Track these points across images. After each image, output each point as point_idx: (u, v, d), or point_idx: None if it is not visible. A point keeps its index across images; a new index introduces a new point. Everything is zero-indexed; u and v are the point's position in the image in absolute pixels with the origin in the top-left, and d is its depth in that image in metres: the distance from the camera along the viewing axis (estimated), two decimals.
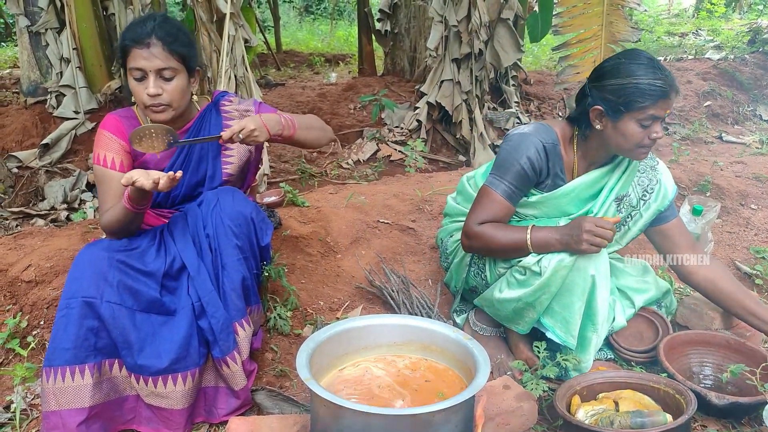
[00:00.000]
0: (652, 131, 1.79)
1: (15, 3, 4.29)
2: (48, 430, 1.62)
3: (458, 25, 4.34)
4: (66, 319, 1.63)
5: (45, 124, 4.12)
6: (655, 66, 1.78)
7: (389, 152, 4.66)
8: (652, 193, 2.02)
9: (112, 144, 1.86)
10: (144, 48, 1.74)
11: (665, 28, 11.12)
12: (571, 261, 1.80)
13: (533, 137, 1.91)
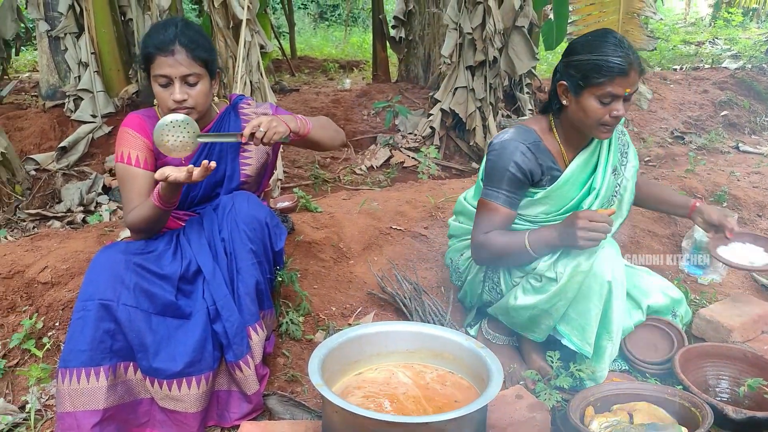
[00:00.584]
0: (612, 109, 1.80)
1: (36, 8, 4.36)
2: (63, 430, 1.63)
3: (473, 32, 4.34)
4: (82, 321, 1.64)
5: (63, 128, 4.18)
6: (619, 45, 1.78)
7: (402, 159, 4.67)
8: (627, 155, 2.09)
9: (135, 142, 1.88)
10: (169, 55, 1.76)
11: (681, 36, 11.05)
12: (587, 266, 1.79)
13: (515, 142, 1.92)
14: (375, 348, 1.69)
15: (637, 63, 1.79)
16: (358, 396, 1.59)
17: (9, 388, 1.95)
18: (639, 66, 1.80)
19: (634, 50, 1.79)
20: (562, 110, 1.94)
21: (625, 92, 1.78)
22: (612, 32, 1.84)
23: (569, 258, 1.81)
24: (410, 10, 6.38)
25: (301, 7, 15.50)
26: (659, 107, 5.68)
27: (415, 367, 1.69)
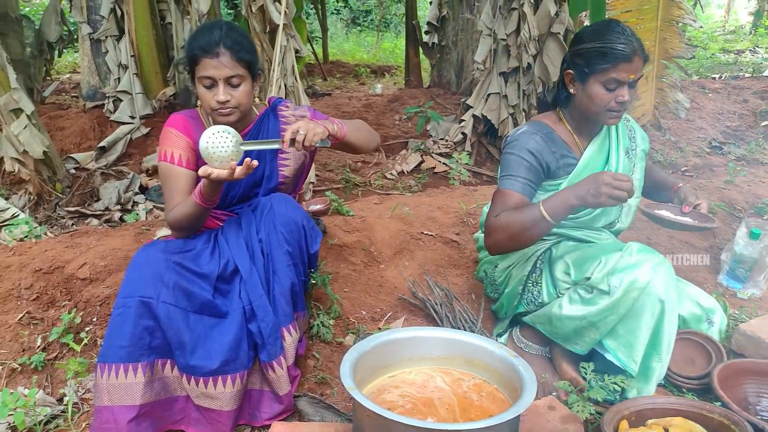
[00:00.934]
0: (618, 95, 1.86)
1: (79, 11, 4.48)
2: (100, 424, 1.66)
3: (507, 38, 4.32)
4: (122, 317, 1.67)
5: (102, 128, 4.28)
6: (622, 32, 1.85)
7: (433, 164, 4.66)
8: (635, 139, 2.15)
9: (179, 141, 1.92)
10: (213, 57, 1.80)
11: (720, 45, 10.81)
12: (644, 283, 1.76)
13: (528, 132, 1.99)
14: (406, 353, 1.68)
15: (641, 50, 1.85)
16: (395, 394, 1.59)
17: (48, 380, 2.00)
18: (643, 53, 1.86)
19: (638, 38, 1.86)
20: (570, 101, 2.00)
21: (629, 78, 1.84)
22: (616, 21, 1.90)
23: (625, 272, 1.78)
24: (444, 16, 6.39)
25: (334, 12, 15.64)
26: (697, 116, 5.56)
27: (453, 373, 1.68)
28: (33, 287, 2.17)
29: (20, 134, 3.34)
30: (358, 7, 16.27)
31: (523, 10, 4.15)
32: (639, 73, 1.85)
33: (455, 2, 6.35)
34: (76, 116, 4.43)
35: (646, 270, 1.77)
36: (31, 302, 2.15)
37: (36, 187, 3.49)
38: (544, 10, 4.15)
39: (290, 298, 1.83)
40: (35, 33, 5.18)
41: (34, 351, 2.04)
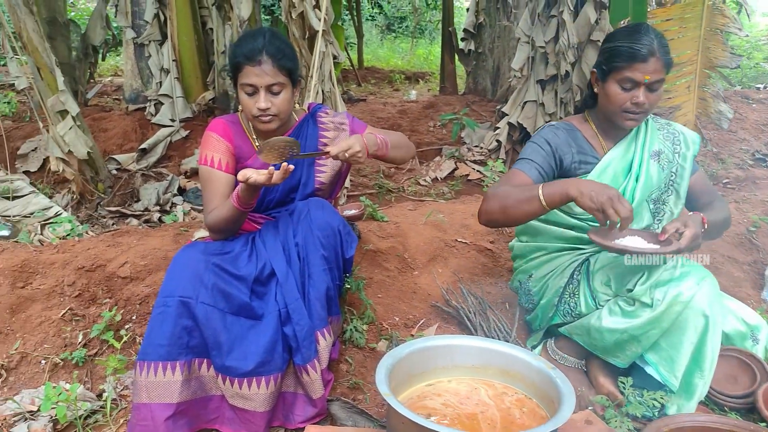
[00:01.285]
0: (633, 96, 1.87)
1: (124, 16, 4.61)
2: (138, 421, 1.70)
3: (545, 46, 4.28)
4: (162, 316, 1.70)
5: (143, 130, 4.38)
6: (644, 33, 1.86)
7: (467, 171, 4.64)
8: (680, 144, 2.08)
9: (219, 145, 1.96)
10: (256, 65, 1.83)
11: (765, 54, 10.51)
12: (688, 297, 1.72)
13: (551, 126, 2.06)
14: (441, 361, 1.67)
15: (662, 53, 1.85)
16: (438, 402, 1.58)
17: (88, 376, 2.05)
18: (663, 57, 1.85)
19: (662, 42, 1.86)
20: (595, 101, 2.04)
21: (644, 79, 1.84)
22: (644, 24, 1.93)
23: (669, 286, 1.75)
24: (480, 23, 6.37)
25: (369, 18, 15.73)
26: (740, 127, 5.41)
27: (496, 386, 1.66)
28: (75, 284, 2.23)
29: (66, 135, 3.44)
30: (393, 13, 16.34)
31: (562, 17, 4.11)
32: (657, 76, 1.85)
33: (492, 9, 6.32)
34: (119, 118, 4.54)
35: (690, 284, 1.74)
36: (74, 299, 2.20)
37: (79, 186, 3.58)
38: (584, 17, 4.10)
39: (325, 302, 1.84)
40: (81, 37, 5.34)
41: (76, 347, 2.09)
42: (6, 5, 3.24)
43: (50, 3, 4.89)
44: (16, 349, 2.04)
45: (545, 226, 2.12)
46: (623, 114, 1.92)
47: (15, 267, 2.25)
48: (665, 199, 2.06)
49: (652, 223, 2.07)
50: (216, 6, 4.33)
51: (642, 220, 2.05)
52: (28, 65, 3.38)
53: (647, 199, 2.03)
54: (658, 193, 2.04)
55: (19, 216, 3.30)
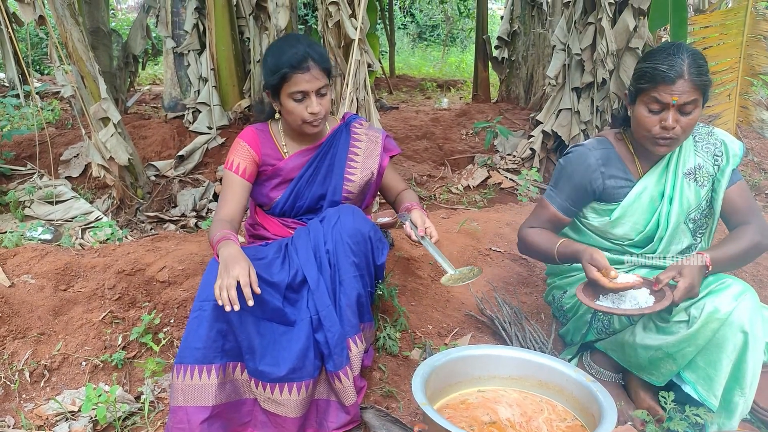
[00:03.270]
0: (662, 119, 1.78)
1: (164, 26, 4.72)
2: (174, 423, 1.72)
3: (581, 53, 4.23)
4: (198, 320, 1.73)
5: (181, 138, 4.47)
6: (674, 54, 1.76)
7: (500, 179, 4.60)
8: (722, 156, 1.95)
9: (244, 152, 2.02)
10: (305, 72, 1.88)
11: None
12: (725, 314, 1.66)
13: (586, 148, 1.98)
14: (478, 371, 1.66)
15: (693, 74, 1.74)
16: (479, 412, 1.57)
17: (127, 378, 2.09)
18: (694, 77, 1.74)
19: (697, 63, 1.75)
20: (629, 122, 1.97)
21: (672, 101, 1.75)
22: (679, 43, 1.83)
23: (705, 301, 1.70)
24: (514, 31, 6.33)
25: (401, 27, 15.79)
26: None
27: (534, 398, 1.64)
28: (116, 288, 2.28)
29: (107, 142, 3.53)
30: (425, 22, 16.37)
31: (600, 24, 4.06)
32: (687, 97, 1.74)
33: (527, 17, 6.28)
34: (158, 126, 4.64)
35: (727, 299, 1.67)
36: (114, 302, 2.25)
37: (119, 192, 3.67)
38: (623, 24, 4.04)
39: (356, 308, 1.84)
40: (122, 46, 5.49)
41: (116, 349, 2.13)
42: (53, 16, 3.35)
43: (94, 13, 5.05)
44: (59, 351, 2.09)
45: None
46: (654, 140, 1.82)
47: (58, 270, 2.31)
48: (702, 217, 1.97)
49: (693, 244, 1.98)
50: (253, 16, 4.40)
51: (681, 242, 1.96)
52: (73, 74, 3.48)
53: (686, 220, 1.94)
54: (697, 212, 1.94)
55: (61, 220, 3.40)
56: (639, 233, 1.95)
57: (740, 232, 1.87)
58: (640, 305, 1.70)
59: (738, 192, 1.94)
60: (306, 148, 2.08)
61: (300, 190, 2.05)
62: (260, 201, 2.13)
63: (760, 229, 1.87)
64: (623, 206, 1.94)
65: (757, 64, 3.74)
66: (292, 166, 2.05)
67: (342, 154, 2.08)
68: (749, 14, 3.65)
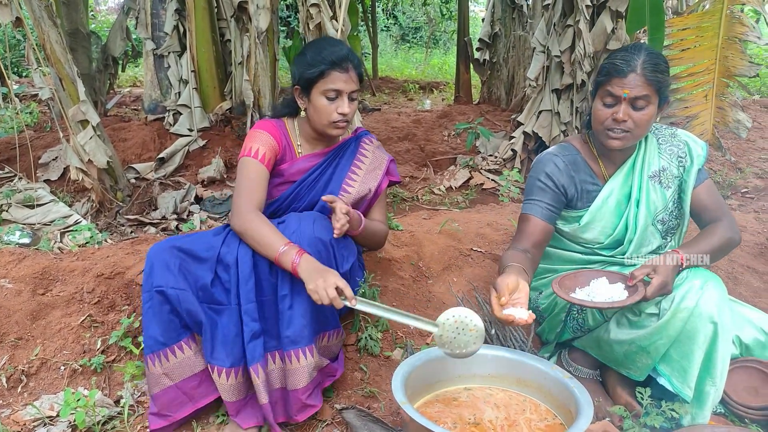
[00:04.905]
0: (614, 111, 1.83)
1: (144, 28, 4.69)
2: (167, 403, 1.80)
3: (561, 55, 4.28)
4: (151, 310, 1.77)
5: (162, 140, 4.44)
6: (628, 50, 1.84)
7: (482, 180, 4.63)
8: (686, 157, 2.00)
9: (265, 139, 1.98)
10: (344, 72, 1.91)
11: None
12: (692, 303, 1.70)
13: (550, 155, 2.00)
14: (458, 369, 1.67)
15: (647, 70, 1.79)
16: (455, 411, 1.58)
17: (106, 382, 2.07)
18: (648, 73, 1.80)
19: (653, 61, 1.80)
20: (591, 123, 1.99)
21: (623, 93, 1.80)
22: (640, 44, 1.88)
23: (675, 293, 1.73)
24: (495, 33, 6.38)
25: (384, 29, 15.82)
26: (759, 136, 5.36)
27: (513, 395, 1.65)
28: (95, 291, 2.26)
29: (86, 144, 3.49)
30: (408, 24, 16.42)
31: (578, 27, 4.11)
32: (639, 92, 1.79)
33: (508, 20, 6.34)
34: (138, 128, 4.60)
35: (693, 289, 1.71)
36: (93, 306, 2.23)
37: (98, 195, 3.63)
38: (601, 26, 4.09)
39: (312, 318, 1.79)
40: (101, 48, 5.44)
41: (95, 353, 2.12)
42: (31, 18, 3.31)
43: (72, 15, 4.99)
44: (36, 355, 2.07)
45: (555, 250, 2.11)
46: (606, 132, 1.87)
47: (36, 274, 2.29)
48: (672, 219, 2.01)
49: (663, 244, 2.03)
50: (234, 18, 4.38)
51: (651, 244, 2.00)
52: (51, 76, 3.44)
53: (653, 222, 1.99)
54: (665, 213, 1.99)
55: (40, 224, 3.36)
56: (608, 237, 1.99)
57: (711, 229, 1.91)
58: (613, 300, 1.73)
59: (706, 190, 1.98)
60: (317, 152, 2.07)
61: (301, 192, 2.04)
62: None
63: (730, 225, 1.91)
64: (591, 211, 1.98)
65: (733, 65, 3.81)
66: (300, 168, 2.04)
67: (345, 165, 2.09)
68: (724, 17, 3.71)
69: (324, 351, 1.91)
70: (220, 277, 1.81)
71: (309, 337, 1.78)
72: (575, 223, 2.01)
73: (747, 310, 2.02)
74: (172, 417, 1.82)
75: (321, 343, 1.89)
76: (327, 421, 1.91)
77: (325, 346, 1.91)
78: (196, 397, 1.85)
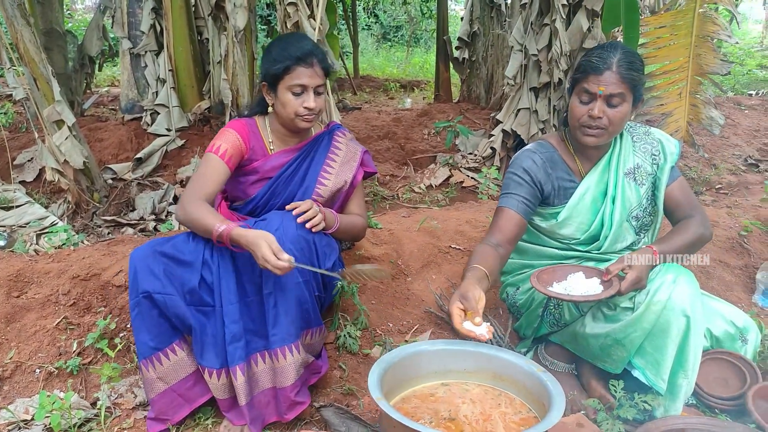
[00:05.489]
0: (590, 108, 1.85)
1: (120, 27, 4.64)
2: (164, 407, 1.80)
3: (538, 54, 4.32)
4: (140, 315, 1.77)
5: (139, 140, 4.40)
6: (607, 49, 1.86)
7: (462, 178, 4.66)
8: (659, 154, 2.04)
9: (231, 138, 1.99)
10: (309, 67, 1.93)
11: (758, 61, 10.60)
12: (665, 296, 1.73)
13: (528, 152, 2.02)
14: (434, 365, 1.69)
15: (622, 68, 1.82)
16: (430, 406, 1.60)
17: (82, 384, 2.06)
18: (623, 71, 1.82)
19: (628, 59, 1.83)
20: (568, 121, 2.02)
21: (599, 90, 1.82)
22: (616, 42, 1.91)
23: (649, 287, 1.77)
24: (474, 32, 6.42)
25: (365, 28, 15.81)
26: (732, 133, 5.46)
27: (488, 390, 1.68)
28: (70, 293, 2.24)
29: (62, 145, 3.45)
30: (389, 23, 16.43)
31: (554, 26, 4.15)
32: (614, 89, 1.82)
33: (486, 18, 6.38)
34: (115, 128, 4.56)
35: (666, 284, 1.75)
36: (69, 308, 2.21)
37: (75, 196, 3.60)
38: (577, 25, 4.14)
39: (298, 316, 1.81)
40: (77, 48, 5.37)
41: (70, 355, 2.10)
42: (3, 16, 3.27)
43: (47, 14, 4.93)
44: (11, 359, 2.04)
45: (532, 245, 2.14)
46: (582, 129, 1.90)
47: (10, 276, 2.26)
48: (646, 215, 2.05)
49: (637, 240, 2.06)
50: (212, 17, 4.36)
51: (625, 240, 2.04)
52: (25, 76, 3.40)
53: (628, 218, 2.02)
54: (639, 210, 2.03)
55: (15, 226, 3.31)
56: (584, 233, 2.02)
57: (684, 225, 1.95)
58: (589, 294, 1.76)
59: (678, 188, 2.02)
60: (290, 148, 2.09)
61: (277, 188, 2.05)
62: (237, 195, 2.13)
63: (702, 222, 1.95)
64: (569, 207, 2.01)
65: (705, 63, 3.88)
66: (274, 165, 2.06)
67: (320, 158, 2.10)
68: (697, 15, 3.78)
69: (308, 349, 1.92)
70: (205, 278, 1.82)
71: (295, 334, 1.80)
72: (552, 220, 2.03)
73: (718, 303, 2.07)
74: (170, 420, 1.84)
75: (305, 341, 1.90)
76: (306, 420, 1.92)
77: (308, 344, 1.92)
78: (191, 398, 1.86)
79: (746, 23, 17.40)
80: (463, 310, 1.59)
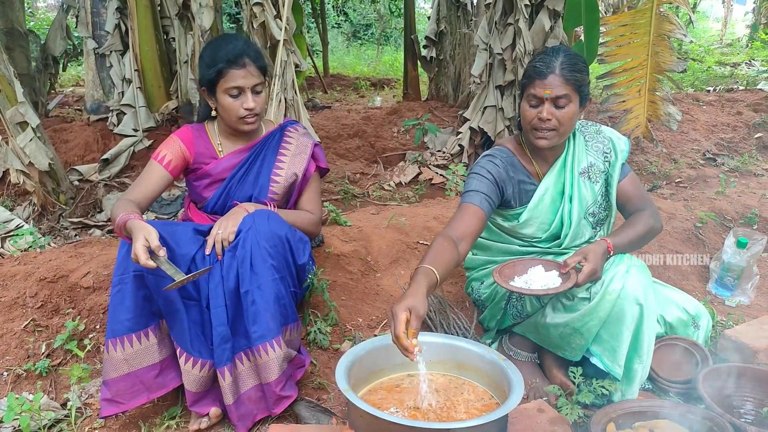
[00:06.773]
0: (539, 111, 1.92)
1: (84, 27, 4.58)
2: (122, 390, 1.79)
3: (503, 53, 4.40)
4: (121, 294, 1.76)
5: (105, 141, 4.35)
6: (550, 53, 1.93)
7: (431, 176, 4.73)
8: (610, 152, 2.12)
9: (175, 147, 2.04)
10: (241, 68, 1.93)
11: (716, 58, 10.92)
12: (619, 286, 1.81)
13: (489, 156, 2.08)
14: (399, 358, 1.72)
15: (565, 70, 1.89)
16: (397, 396, 1.65)
17: (52, 386, 2.06)
18: (567, 74, 1.89)
19: (571, 61, 1.90)
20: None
21: (545, 94, 1.90)
22: (559, 47, 1.97)
23: (604, 278, 1.85)
24: (441, 31, 6.49)
25: (335, 26, 15.80)
26: (691, 128, 5.63)
27: (453, 379, 1.73)
28: (38, 296, 2.23)
29: (26, 147, 3.41)
30: (359, 21, 16.45)
31: (518, 25, 4.24)
32: (559, 91, 1.88)
33: (453, 18, 6.46)
34: (80, 129, 4.50)
35: (619, 274, 1.83)
36: (36, 310, 2.20)
37: (40, 198, 3.55)
38: (539, 25, 4.23)
39: (277, 311, 1.84)
40: (41, 48, 5.28)
41: (39, 357, 2.10)
42: None
43: (8, 13, 4.84)
44: None
45: (495, 243, 2.21)
46: (533, 132, 1.97)
47: None
48: (601, 211, 2.14)
49: (593, 234, 2.15)
50: (178, 16, 4.33)
51: (584, 236, 2.12)
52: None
53: (585, 215, 2.10)
54: (594, 206, 2.11)
55: None
56: (545, 232, 2.10)
57: (636, 218, 2.04)
58: (548, 287, 1.83)
59: (629, 183, 2.11)
60: (240, 149, 2.11)
61: (231, 189, 2.09)
62: (195, 198, 2.18)
63: (652, 215, 2.04)
64: (529, 209, 2.08)
65: (663, 61, 4.01)
66: (225, 167, 2.08)
67: (272, 156, 2.13)
68: (654, 15, 3.90)
69: (288, 344, 1.95)
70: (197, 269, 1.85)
71: (276, 330, 1.83)
72: (514, 221, 2.11)
73: (671, 291, 2.17)
74: (125, 405, 1.82)
75: (285, 337, 1.93)
76: (278, 414, 1.95)
77: (288, 340, 1.95)
78: (153, 388, 1.85)
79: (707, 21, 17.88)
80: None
